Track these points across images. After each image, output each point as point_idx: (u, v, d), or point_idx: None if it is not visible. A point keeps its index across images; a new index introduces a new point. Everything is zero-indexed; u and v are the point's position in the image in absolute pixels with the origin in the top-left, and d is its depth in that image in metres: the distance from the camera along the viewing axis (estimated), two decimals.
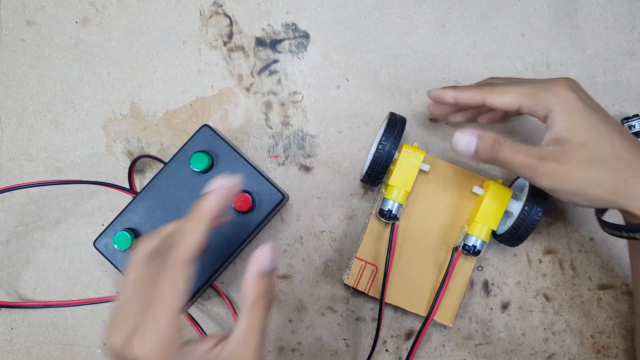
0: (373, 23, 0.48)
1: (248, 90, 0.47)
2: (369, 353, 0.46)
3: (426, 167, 0.42)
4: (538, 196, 0.40)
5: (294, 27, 0.48)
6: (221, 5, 0.47)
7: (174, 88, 0.47)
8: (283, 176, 0.47)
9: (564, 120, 0.36)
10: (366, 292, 0.44)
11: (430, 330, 0.48)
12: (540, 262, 0.48)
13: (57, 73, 0.47)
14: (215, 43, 0.47)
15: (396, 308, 0.48)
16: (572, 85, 0.37)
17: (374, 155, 0.41)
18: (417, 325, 0.48)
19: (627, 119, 0.47)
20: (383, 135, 0.40)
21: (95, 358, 0.48)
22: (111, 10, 0.47)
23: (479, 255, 0.42)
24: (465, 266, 0.44)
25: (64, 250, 0.47)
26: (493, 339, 0.48)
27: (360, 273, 0.44)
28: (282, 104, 0.47)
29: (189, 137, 0.42)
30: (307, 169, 0.47)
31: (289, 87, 0.48)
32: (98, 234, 0.41)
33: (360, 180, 0.44)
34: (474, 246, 0.41)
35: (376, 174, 0.41)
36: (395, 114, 0.43)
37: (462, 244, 0.42)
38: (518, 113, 0.39)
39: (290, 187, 0.47)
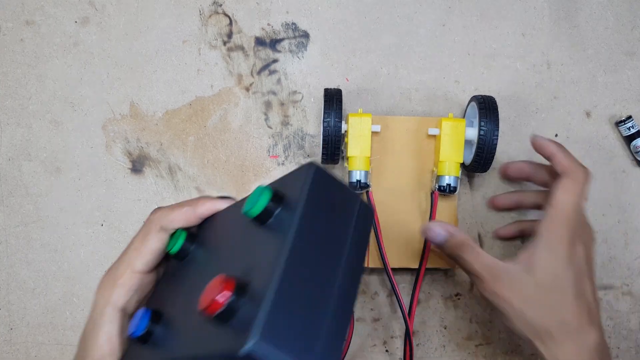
0: (373, 23, 0.47)
1: (248, 90, 0.47)
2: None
3: (377, 128, 0.43)
4: (489, 117, 0.40)
5: (293, 26, 0.47)
6: (221, 5, 0.47)
7: (174, 88, 0.47)
8: None
9: (544, 253, 0.36)
10: (366, 265, 0.44)
11: (430, 331, 0.48)
12: None
13: (57, 73, 0.47)
14: (214, 43, 0.47)
15: (396, 309, 0.48)
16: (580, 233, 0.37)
17: (323, 134, 0.41)
18: (416, 322, 0.48)
19: (622, 122, 0.46)
20: (324, 112, 0.41)
21: None
22: (110, 10, 0.47)
23: (457, 191, 0.43)
24: (449, 206, 0.45)
25: (64, 250, 0.47)
26: (493, 340, 0.48)
27: None
28: (282, 104, 0.47)
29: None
30: None
31: (289, 86, 0.47)
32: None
33: (321, 163, 0.44)
34: (448, 185, 0.42)
35: (332, 151, 0.42)
36: (328, 88, 0.43)
37: (437, 186, 0.43)
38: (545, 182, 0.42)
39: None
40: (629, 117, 0.46)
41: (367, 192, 0.43)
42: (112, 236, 0.47)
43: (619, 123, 0.47)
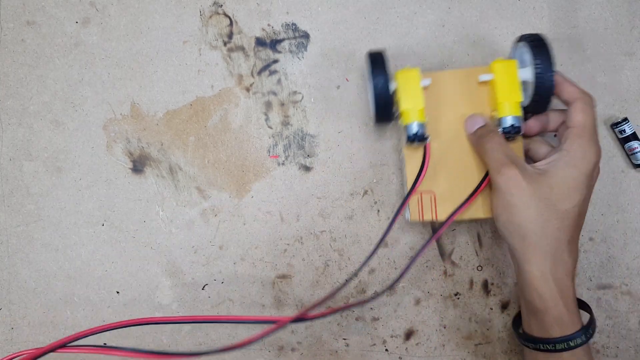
0: (373, 23, 0.48)
1: (248, 90, 0.47)
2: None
3: (427, 82, 0.43)
4: (541, 53, 0.40)
5: (294, 27, 0.48)
6: (221, 5, 0.47)
7: (174, 88, 0.47)
8: (283, 176, 0.47)
9: (566, 164, 0.39)
10: (434, 219, 0.44)
11: (430, 330, 0.48)
12: None
13: (58, 73, 0.47)
14: (215, 43, 0.47)
15: (396, 308, 0.48)
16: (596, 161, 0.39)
17: (375, 95, 0.41)
18: (416, 321, 0.48)
19: (617, 124, 0.47)
20: (372, 74, 0.41)
21: (95, 358, 0.48)
22: (111, 11, 0.47)
23: (521, 133, 0.42)
24: (515, 149, 0.43)
25: (64, 250, 0.47)
26: (493, 339, 0.48)
27: (420, 205, 0.44)
28: (282, 104, 0.48)
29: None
30: (307, 169, 0.47)
31: (289, 87, 0.48)
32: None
33: (375, 124, 0.44)
34: (512, 125, 0.41)
35: (385, 110, 0.42)
36: (372, 52, 0.43)
37: (501, 129, 0.42)
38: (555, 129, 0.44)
39: (290, 187, 0.47)
40: (625, 120, 0.46)
41: (425, 145, 0.43)
42: (113, 236, 0.47)
43: (614, 125, 0.47)
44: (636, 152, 0.46)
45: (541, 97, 0.41)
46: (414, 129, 0.42)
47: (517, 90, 0.41)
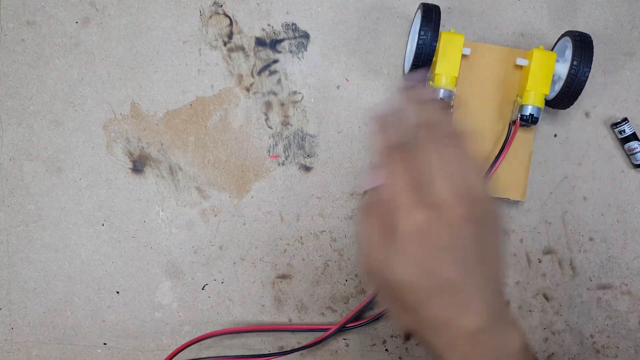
0: (373, 23, 0.48)
1: (248, 90, 0.47)
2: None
3: (467, 51, 0.43)
4: (583, 53, 0.40)
5: (294, 27, 0.48)
6: (221, 5, 0.47)
7: (174, 88, 0.47)
8: (283, 176, 0.47)
9: None
10: None
11: None
12: (539, 262, 0.48)
13: (58, 73, 0.47)
14: (215, 43, 0.47)
15: None
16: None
17: (417, 48, 0.40)
18: None
19: (616, 124, 0.47)
20: (421, 28, 0.40)
21: (95, 358, 0.48)
22: (111, 11, 0.47)
23: (537, 124, 0.42)
24: (525, 138, 0.44)
25: (65, 250, 0.47)
26: None
27: None
28: (282, 104, 0.48)
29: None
30: (307, 169, 0.47)
31: (289, 87, 0.48)
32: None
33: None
34: (531, 115, 0.42)
35: (421, 67, 0.41)
36: (427, 3, 0.42)
37: (519, 115, 0.42)
38: None
39: (290, 187, 0.47)
40: (624, 120, 0.46)
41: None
42: (113, 236, 0.47)
43: (614, 125, 0.47)
44: (636, 152, 0.46)
45: (568, 94, 0.41)
46: (441, 94, 0.41)
47: (547, 83, 0.42)
